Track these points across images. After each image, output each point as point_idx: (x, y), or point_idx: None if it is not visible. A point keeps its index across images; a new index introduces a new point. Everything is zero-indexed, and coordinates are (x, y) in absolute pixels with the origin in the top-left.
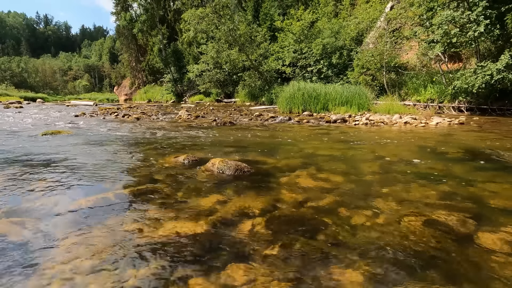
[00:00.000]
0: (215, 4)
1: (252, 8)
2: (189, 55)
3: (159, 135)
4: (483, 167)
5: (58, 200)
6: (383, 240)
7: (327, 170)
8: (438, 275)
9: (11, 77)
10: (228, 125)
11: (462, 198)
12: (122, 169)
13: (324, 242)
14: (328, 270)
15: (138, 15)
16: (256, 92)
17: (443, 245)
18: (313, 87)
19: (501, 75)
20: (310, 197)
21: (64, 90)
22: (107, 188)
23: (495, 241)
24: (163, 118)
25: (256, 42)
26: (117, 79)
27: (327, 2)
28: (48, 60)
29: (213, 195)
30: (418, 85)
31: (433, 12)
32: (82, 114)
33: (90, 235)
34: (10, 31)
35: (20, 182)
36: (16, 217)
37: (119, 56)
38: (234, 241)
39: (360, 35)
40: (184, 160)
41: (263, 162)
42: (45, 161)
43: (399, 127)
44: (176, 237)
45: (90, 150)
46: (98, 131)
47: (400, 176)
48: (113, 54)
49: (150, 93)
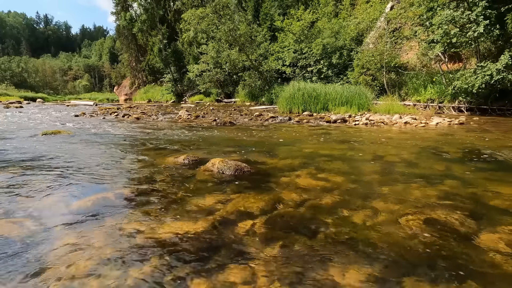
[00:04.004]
0: (215, 4)
1: (252, 8)
2: (189, 55)
3: (159, 135)
4: (483, 167)
5: (58, 200)
6: (383, 240)
7: (327, 170)
8: (438, 274)
9: (11, 77)
10: (228, 125)
11: (462, 198)
12: (122, 169)
13: (324, 242)
14: (328, 270)
15: (138, 15)
16: (256, 92)
17: (443, 244)
18: (313, 87)
19: (501, 75)
20: (310, 197)
21: (64, 90)
22: (107, 188)
23: (495, 240)
24: (163, 118)
25: (256, 42)
26: (117, 79)
27: (327, 2)
28: (48, 60)
29: (213, 195)
30: (418, 85)
31: (433, 12)
32: (82, 114)
33: (90, 235)
34: (10, 31)
35: (20, 182)
36: (16, 217)
37: (119, 56)
38: (234, 241)
39: (360, 35)
40: (184, 160)
41: (263, 162)
42: (45, 161)
43: (399, 127)
44: (176, 237)
45: (90, 150)
46: (98, 131)
47: (400, 176)
48: (113, 54)
49: (150, 93)
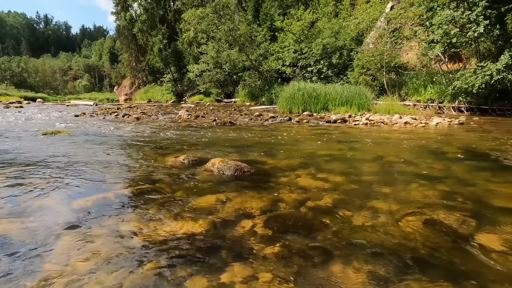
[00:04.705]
0: (215, 4)
1: (252, 8)
2: (189, 55)
3: (159, 135)
4: (483, 167)
5: (58, 200)
6: (383, 240)
7: (327, 170)
8: (438, 274)
9: (11, 77)
10: (228, 125)
11: (462, 198)
12: (122, 169)
13: (324, 242)
14: (328, 270)
15: (138, 15)
16: (256, 92)
17: (443, 244)
18: (313, 87)
19: (501, 75)
20: (310, 197)
21: (64, 90)
22: (107, 187)
23: (495, 240)
24: (163, 118)
25: (256, 42)
26: (117, 79)
27: (327, 2)
28: (48, 60)
29: (213, 195)
30: (418, 85)
31: (433, 12)
32: (82, 114)
33: (89, 235)
34: (10, 31)
35: (20, 182)
36: (15, 217)
37: (119, 56)
38: (234, 240)
39: (360, 35)
40: (184, 160)
41: (263, 162)
42: (45, 161)
43: (399, 127)
44: (176, 237)
45: (90, 150)
46: (98, 131)
47: (400, 176)
48: (113, 54)
49: (150, 93)
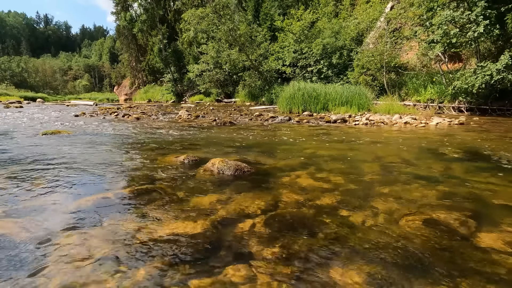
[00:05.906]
0: (215, 4)
1: (252, 8)
2: (189, 55)
3: (159, 135)
4: (483, 167)
5: (58, 200)
6: (383, 240)
7: (327, 170)
8: (438, 274)
9: (11, 76)
10: (228, 125)
11: (462, 198)
12: (122, 169)
13: (324, 242)
14: (328, 270)
15: (138, 15)
16: (256, 92)
17: (443, 244)
18: (313, 87)
19: (500, 75)
20: (310, 197)
21: (64, 90)
22: (107, 187)
23: (495, 240)
24: (163, 118)
25: (256, 42)
26: (117, 79)
27: (327, 2)
28: (48, 60)
29: (213, 195)
30: (418, 85)
31: (433, 12)
32: (82, 114)
33: (89, 235)
34: (10, 31)
35: (20, 182)
36: (15, 217)
37: (119, 56)
38: (235, 240)
39: (360, 35)
40: (184, 160)
41: (263, 162)
42: (45, 161)
43: (399, 127)
44: (176, 237)
45: (90, 150)
46: (98, 131)
47: (400, 176)
48: (113, 54)
49: (150, 93)
